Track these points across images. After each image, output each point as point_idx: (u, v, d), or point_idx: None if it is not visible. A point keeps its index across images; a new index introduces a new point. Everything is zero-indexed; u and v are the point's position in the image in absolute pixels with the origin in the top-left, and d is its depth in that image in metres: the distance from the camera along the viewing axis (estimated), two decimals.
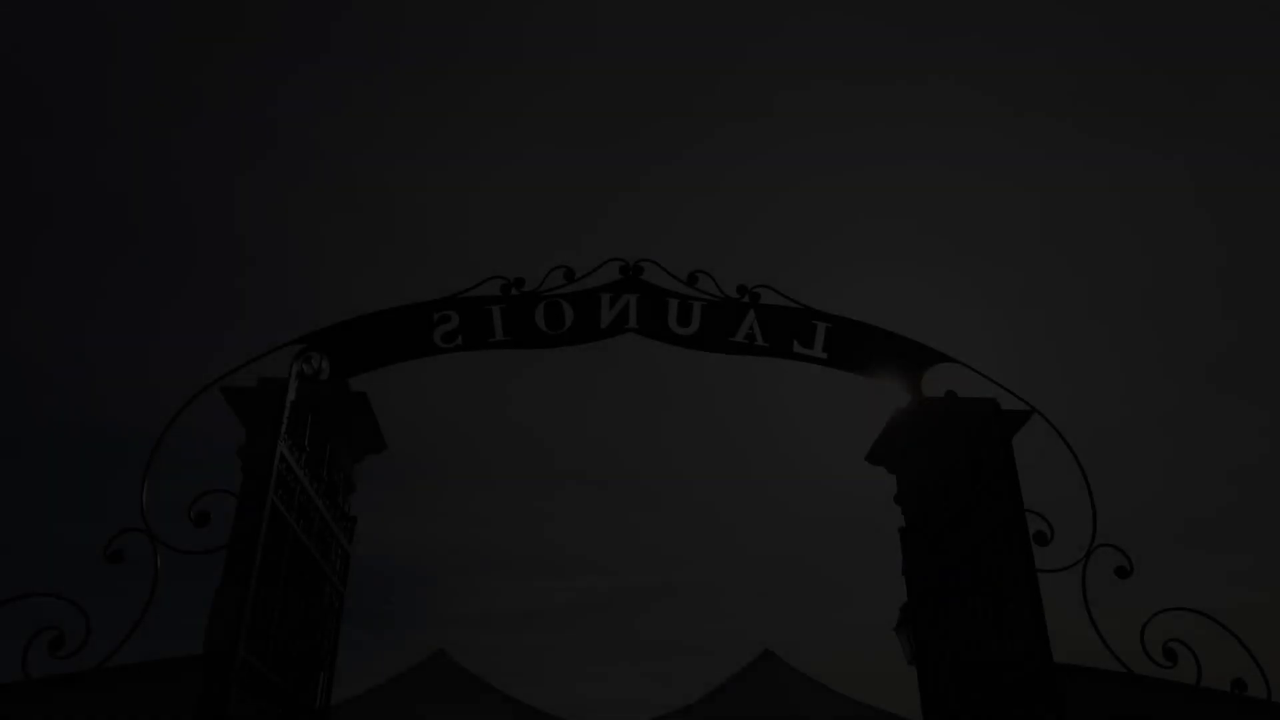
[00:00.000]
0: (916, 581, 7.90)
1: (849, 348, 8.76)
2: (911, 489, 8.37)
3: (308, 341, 8.06)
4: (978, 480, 6.64)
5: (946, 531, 7.26)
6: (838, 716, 8.96)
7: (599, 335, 8.75)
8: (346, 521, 7.89)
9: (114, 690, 6.77)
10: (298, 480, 6.46)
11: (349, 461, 8.35)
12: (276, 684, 6.20)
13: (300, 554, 6.76)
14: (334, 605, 7.61)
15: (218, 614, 6.92)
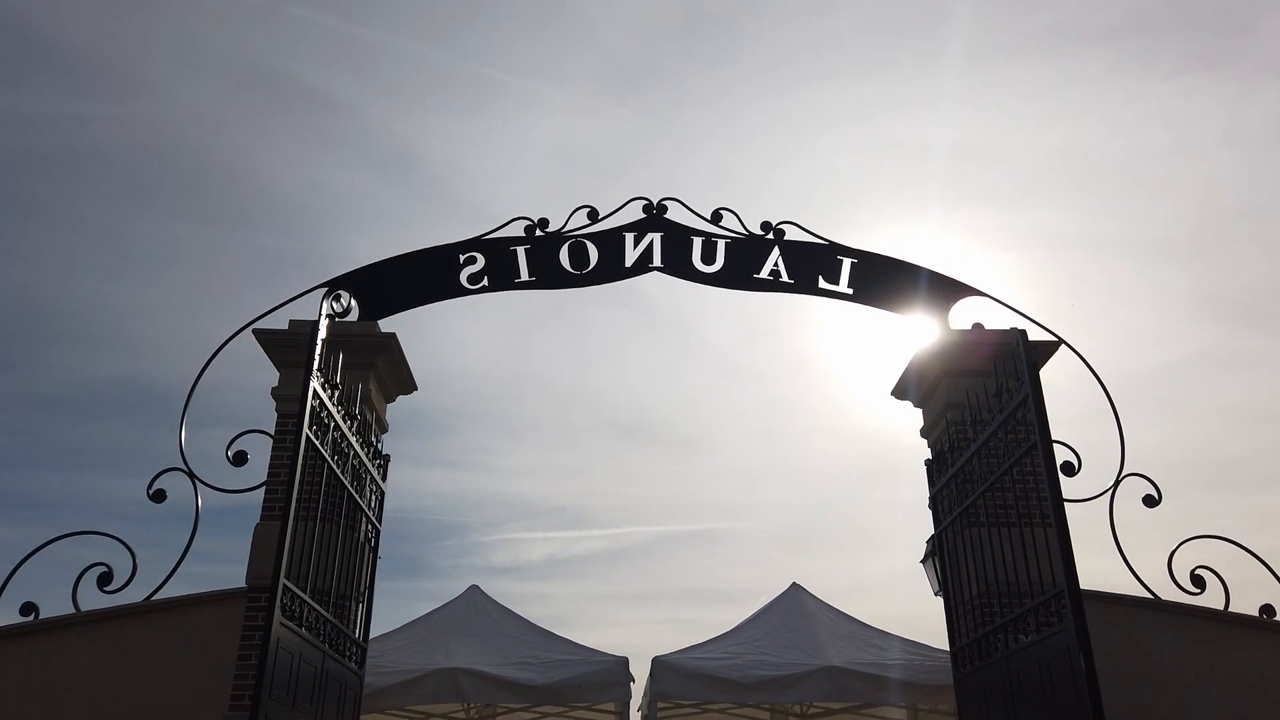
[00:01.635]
0: (942, 512, 7.95)
1: (875, 282, 8.73)
2: (938, 422, 8.38)
3: (336, 283, 8.20)
4: (1004, 410, 6.64)
5: (973, 462, 7.28)
6: (864, 640, 9.07)
7: (624, 274, 8.79)
8: (380, 459, 8.04)
9: (161, 622, 7.03)
10: (331, 416, 6.58)
11: (381, 401, 8.49)
12: (317, 613, 6.38)
13: (336, 489, 6.92)
14: (370, 540, 7.79)
15: (258, 547, 7.13)
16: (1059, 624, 5.74)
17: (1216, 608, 7.36)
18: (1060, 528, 5.71)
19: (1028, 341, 6.33)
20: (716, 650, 8.87)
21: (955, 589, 7.72)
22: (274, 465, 7.43)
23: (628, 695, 8.58)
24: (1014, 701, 6.37)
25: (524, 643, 8.99)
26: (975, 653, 7.21)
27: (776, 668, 8.42)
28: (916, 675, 8.36)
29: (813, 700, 10.02)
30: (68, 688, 6.72)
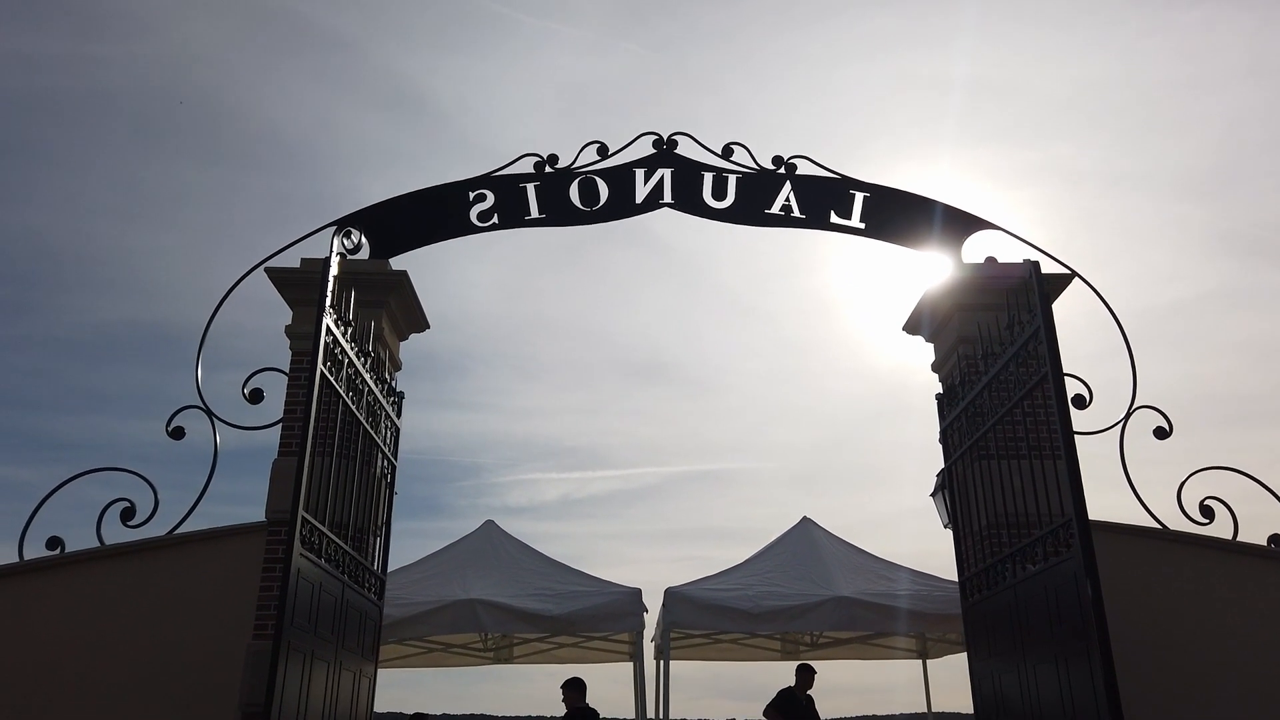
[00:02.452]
0: (953, 446, 7.99)
1: (887, 216, 8.67)
2: (949, 357, 8.38)
3: (347, 221, 8.20)
4: (1016, 342, 6.63)
5: (984, 395, 7.29)
6: (873, 571, 9.21)
7: (634, 211, 8.75)
8: (394, 396, 8.12)
9: (184, 555, 7.20)
10: (345, 353, 6.64)
11: (394, 339, 8.54)
12: (335, 545, 6.51)
13: (351, 425, 7.00)
14: (386, 475, 7.90)
15: (276, 482, 7.26)
16: (1067, 552, 5.80)
17: (1225, 538, 7.43)
18: (1069, 456, 5.74)
19: (1040, 273, 6.30)
20: (728, 582, 9.03)
21: (964, 520, 7.80)
22: (290, 403, 7.53)
23: (641, 625, 8.75)
24: (1021, 628, 6.47)
25: (539, 575, 9.17)
26: (983, 582, 7.31)
27: (787, 598, 8.56)
28: (925, 605, 8.50)
29: (823, 630, 10.22)
30: (95, 619, 6.91)
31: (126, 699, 6.69)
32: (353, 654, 6.86)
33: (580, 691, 8.88)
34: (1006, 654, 6.71)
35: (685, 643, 11.21)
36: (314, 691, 6.03)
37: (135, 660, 6.80)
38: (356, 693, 6.98)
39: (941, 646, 11.44)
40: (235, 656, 6.80)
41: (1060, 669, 5.87)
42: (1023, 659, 6.43)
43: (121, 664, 6.79)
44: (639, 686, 9.50)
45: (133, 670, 6.77)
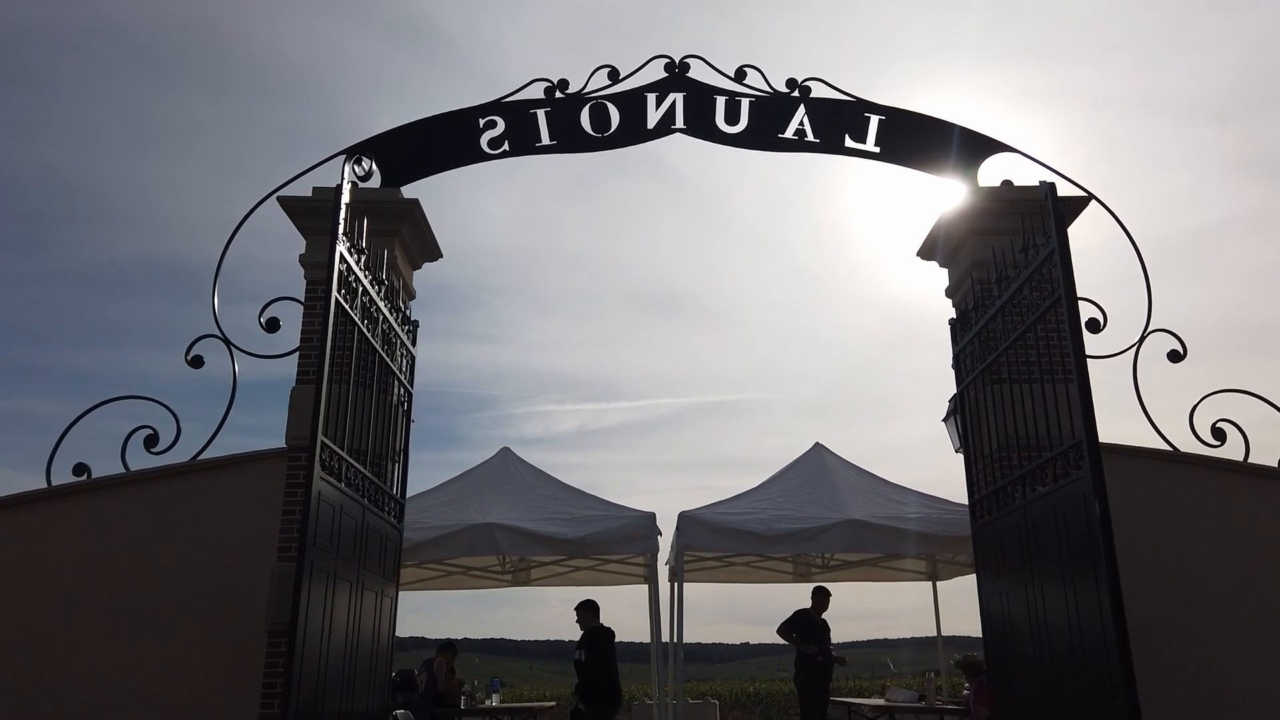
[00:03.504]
0: (965, 370, 8.01)
1: (902, 140, 8.56)
2: (963, 281, 8.35)
3: (358, 149, 8.17)
4: (1030, 265, 6.59)
5: (997, 319, 7.28)
6: (884, 495, 9.33)
7: (646, 136, 8.66)
8: (409, 325, 8.18)
9: (207, 481, 7.35)
10: (359, 280, 6.67)
11: (407, 268, 8.57)
12: (355, 469, 6.63)
13: (367, 353, 7.07)
14: (403, 403, 8.00)
15: (295, 409, 7.37)
16: (1076, 473, 5.86)
17: (1236, 459, 7.47)
18: (1081, 375, 5.75)
19: (1056, 195, 6.23)
20: (741, 505, 9.17)
21: (975, 444, 7.86)
22: (306, 331, 7.60)
23: (655, 548, 8.92)
24: (1029, 549, 6.57)
25: (555, 500, 9.33)
26: (993, 504, 7.39)
27: (798, 521, 8.70)
28: (935, 527, 8.62)
29: (834, 551, 10.39)
30: (122, 543, 7.10)
31: (155, 620, 6.91)
32: (374, 575, 7.04)
33: (594, 612, 9.11)
34: (1014, 574, 6.83)
35: (698, 565, 11.43)
36: (337, 611, 6.21)
37: (162, 583, 7.00)
38: (379, 612, 7.18)
39: (951, 569, 11.62)
40: (260, 578, 6.99)
41: (1067, 588, 5.97)
42: (1030, 578, 6.54)
43: (149, 586, 6.99)
44: (654, 609, 9.72)
45: (160, 592, 6.98)
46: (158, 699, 6.74)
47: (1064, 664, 6.01)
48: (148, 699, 6.74)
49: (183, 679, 6.78)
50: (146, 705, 6.73)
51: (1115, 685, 5.28)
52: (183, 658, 6.83)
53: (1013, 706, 6.86)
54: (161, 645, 6.86)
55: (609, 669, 8.71)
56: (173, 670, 6.81)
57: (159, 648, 6.85)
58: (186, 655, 6.84)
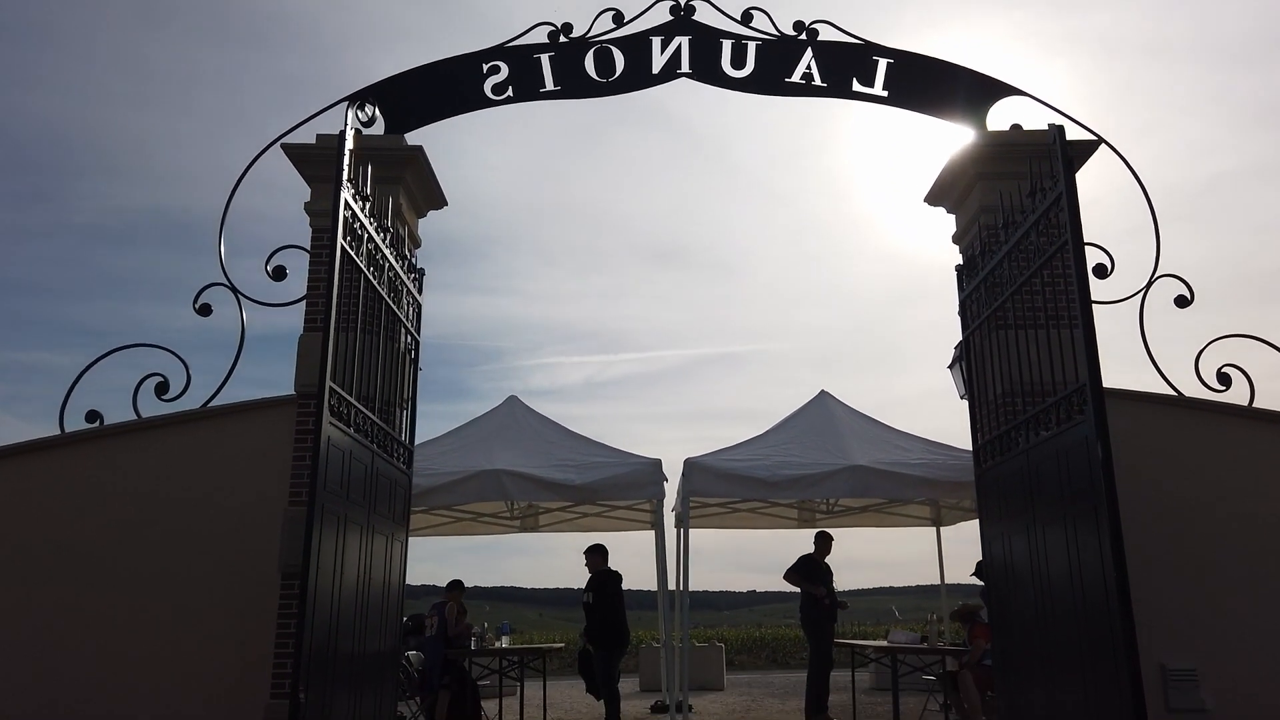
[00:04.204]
0: (971, 317, 8.01)
1: (911, 84, 8.46)
2: (970, 227, 8.32)
3: (361, 95, 8.11)
4: (1037, 209, 6.56)
5: (1003, 264, 7.26)
6: (889, 442, 9.40)
7: (651, 81, 8.57)
8: (415, 273, 8.19)
9: (218, 427, 7.44)
10: (364, 228, 6.67)
11: (412, 216, 8.56)
12: (363, 415, 6.69)
13: (373, 301, 7.10)
14: (410, 350, 8.05)
15: (303, 357, 7.43)
16: (1080, 416, 5.89)
17: (1241, 404, 7.49)
18: (1085, 318, 5.75)
19: (1064, 138, 6.18)
20: (746, 452, 9.24)
21: (980, 390, 7.89)
22: (312, 280, 7.62)
23: (661, 494, 9.01)
24: (1032, 493, 6.63)
25: (562, 447, 9.42)
26: (996, 449, 7.44)
27: (803, 467, 8.77)
28: (938, 473, 8.69)
29: (838, 497, 10.48)
30: (135, 489, 7.21)
31: (168, 564, 7.05)
32: (384, 519, 7.15)
33: (603, 556, 9.25)
34: (1016, 517, 6.90)
35: (704, 512, 11.56)
36: (348, 554, 6.32)
37: (175, 528, 7.12)
38: (390, 556, 7.30)
39: (955, 514, 11.73)
40: (272, 523, 7.11)
41: (1069, 531, 6.04)
42: (1032, 521, 6.61)
43: (162, 532, 7.12)
44: (660, 555, 9.85)
45: (173, 537, 7.10)
46: (175, 640, 6.90)
47: (1064, 606, 6.10)
48: (165, 640, 6.90)
49: (198, 621, 6.93)
50: (163, 645, 6.89)
51: (1115, 627, 5.36)
52: (198, 600, 6.97)
53: (1013, 649, 6.97)
54: (176, 588, 7.00)
55: (616, 611, 8.86)
56: (188, 612, 6.95)
57: (174, 590, 6.99)
58: (201, 598, 6.98)
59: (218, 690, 6.84)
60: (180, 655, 6.89)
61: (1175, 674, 6.94)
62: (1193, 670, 6.95)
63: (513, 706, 9.75)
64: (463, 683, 8.61)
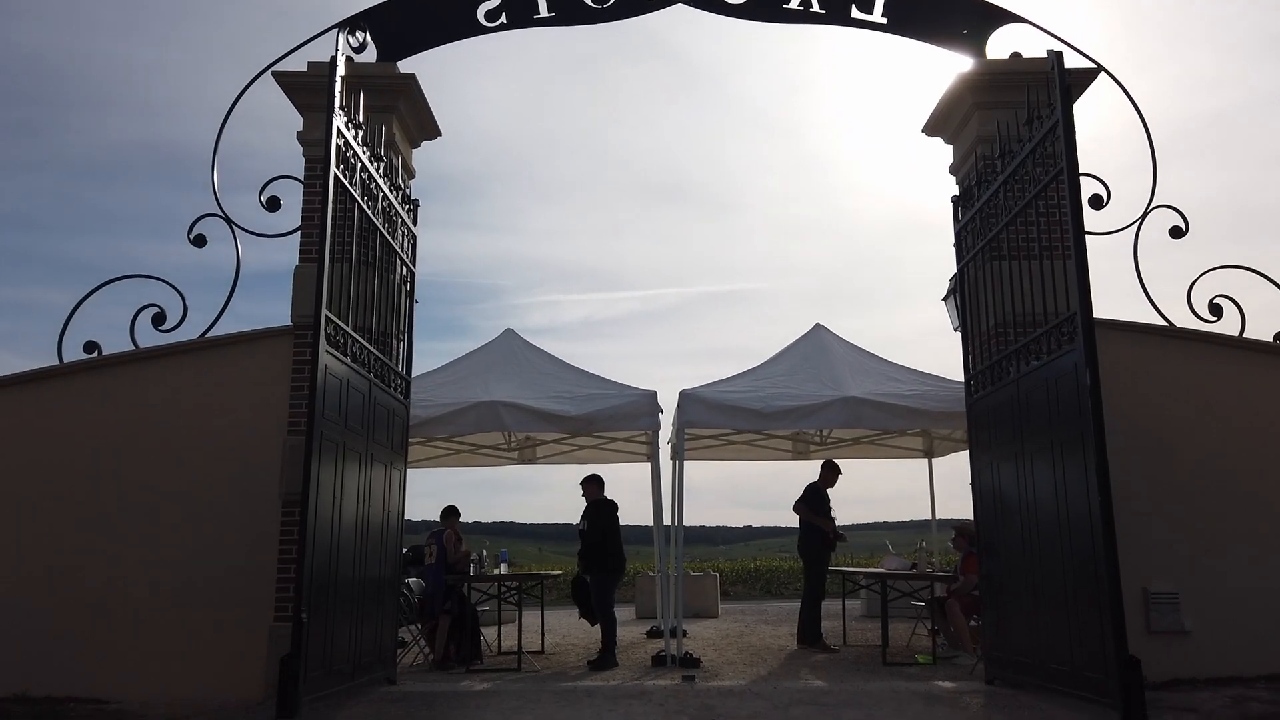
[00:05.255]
0: (966, 248, 8.01)
1: (911, 9, 8.35)
2: (967, 157, 8.27)
3: (353, 21, 8.00)
4: (1034, 138, 6.52)
5: (999, 194, 7.24)
6: (882, 374, 9.46)
7: (647, 7, 8.44)
8: (409, 204, 8.16)
9: (216, 358, 7.48)
10: (357, 156, 6.64)
11: (405, 146, 8.49)
12: (360, 344, 6.74)
13: (368, 232, 7.09)
14: (406, 282, 8.06)
15: (299, 288, 7.44)
16: (1069, 345, 5.94)
17: (1232, 334, 7.55)
18: (1078, 245, 5.77)
19: (1062, 64, 6.11)
20: (741, 384, 9.29)
21: (972, 321, 7.93)
22: (306, 210, 7.59)
23: (657, 425, 9.09)
24: (1021, 422, 6.71)
25: (558, 380, 9.47)
26: (988, 379, 7.51)
27: (797, 398, 8.83)
28: (931, 404, 8.75)
29: (831, 427, 10.59)
30: (134, 418, 7.28)
31: (169, 492, 7.15)
32: (383, 448, 7.24)
33: (598, 486, 9.36)
34: (1006, 445, 6.99)
35: (699, 444, 11.67)
36: (348, 481, 6.42)
37: (175, 456, 7.21)
38: (389, 484, 7.41)
39: (947, 445, 11.85)
40: (272, 452, 7.20)
41: (1056, 458, 6.13)
42: (1021, 450, 6.70)
43: (162, 459, 7.21)
44: (655, 486, 9.96)
45: (173, 465, 7.19)
46: (178, 565, 7.04)
47: (1050, 532, 6.22)
48: (169, 564, 7.03)
49: (200, 545, 7.06)
50: (166, 569, 7.02)
51: (1098, 551, 5.48)
52: (199, 526, 7.09)
53: (999, 574, 7.12)
54: (177, 515, 7.11)
55: (612, 538, 9.01)
56: (190, 537, 7.08)
57: (175, 517, 7.11)
58: (202, 524, 7.10)
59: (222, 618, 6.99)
60: (184, 580, 7.03)
61: (1157, 597, 7.12)
62: (1175, 594, 7.13)
63: (511, 634, 9.99)
64: (462, 607, 8.80)
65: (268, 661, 6.75)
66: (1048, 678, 6.25)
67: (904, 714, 5.97)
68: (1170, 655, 6.94)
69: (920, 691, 6.88)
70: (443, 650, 8.80)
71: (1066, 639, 5.96)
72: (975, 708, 6.23)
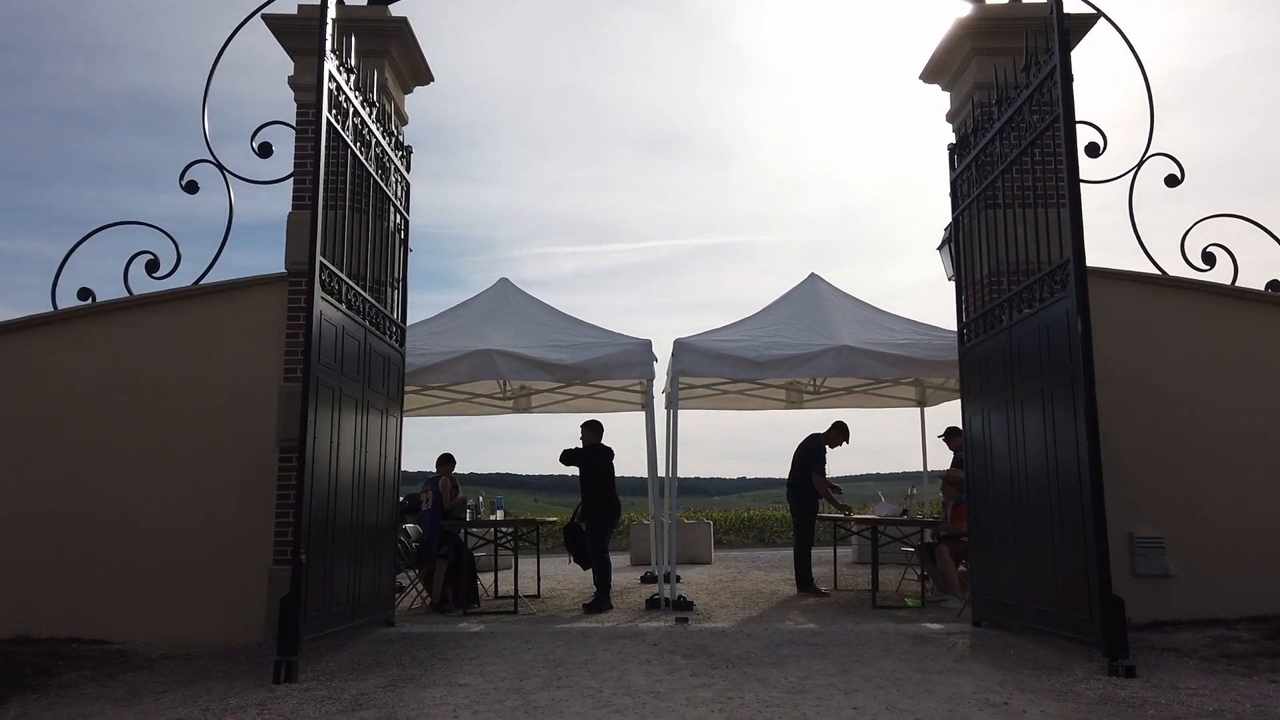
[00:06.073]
0: (961, 196, 7.99)
1: None
2: (964, 104, 8.22)
3: None
4: (1031, 84, 6.48)
5: (995, 142, 7.22)
6: (876, 323, 9.49)
7: None
8: (403, 150, 8.10)
9: (211, 305, 7.49)
10: (349, 101, 6.58)
11: (398, 92, 8.41)
12: (355, 291, 6.74)
13: (362, 178, 7.05)
14: (400, 229, 8.03)
15: (293, 235, 7.42)
16: (1061, 292, 5.97)
17: (1224, 283, 7.58)
18: (1072, 191, 5.77)
19: (1061, 8, 6.05)
20: (735, 333, 9.33)
21: (966, 269, 7.95)
22: (299, 156, 7.55)
23: (651, 374, 9.13)
24: (1012, 369, 6.76)
25: (553, 328, 9.49)
26: (980, 327, 7.55)
27: (791, 347, 8.87)
28: (924, 353, 8.80)
29: (825, 377, 10.64)
30: (129, 365, 7.31)
31: (166, 437, 7.20)
32: (379, 395, 7.28)
33: (597, 432, 9.43)
34: (997, 393, 7.05)
35: (693, 394, 11.74)
36: (345, 427, 6.46)
37: (170, 403, 7.25)
38: (385, 431, 7.46)
39: (939, 394, 11.94)
40: (268, 399, 7.24)
41: (1046, 404, 6.19)
42: (1012, 397, 6.76)
43: (157, 407, 7.25)
44: (650, 435, 10.02)
45: (169, 412, 7.24)
46: (177, 509, 7.11)
47: (1038, 477, 6.31)
48: (168, 508, 7.11)
49: (198, 490, 7.13)
50: (166, 514, 7.10)
51: (1085, 496, 5.56)
52: (197, 471, 7.16)
53: (988, 519, 7.23)
54: (175, 460, 7.17)
55: (608, 483, 9.10)
56: (188, 482, 7.15)
57: (173, 462, 7.17)
58: (201, 468, 7.16)
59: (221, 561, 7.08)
60: (184, 522, 7.11)
61: (1143, 541, 7.24)
62: (1160, 539, 7.25)
63: (507, 580, 10.14)
64: (459, 552, 8.91)
65: (268, 604, 6.86)
66: (1033, 619, 6.39)
67: (891, 654, 6.11)
68: (1154, 598, 7.08)
69: (908, 632, 7.03)
70: (440, 594, 8.93)
71: (1053, 582, 6.07)
72: (962, 647, 6.36)
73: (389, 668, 5.78)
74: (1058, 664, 5.63)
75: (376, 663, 5.96)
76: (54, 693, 5.21)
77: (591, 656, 6.13)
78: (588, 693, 4.99)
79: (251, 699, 4.91)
